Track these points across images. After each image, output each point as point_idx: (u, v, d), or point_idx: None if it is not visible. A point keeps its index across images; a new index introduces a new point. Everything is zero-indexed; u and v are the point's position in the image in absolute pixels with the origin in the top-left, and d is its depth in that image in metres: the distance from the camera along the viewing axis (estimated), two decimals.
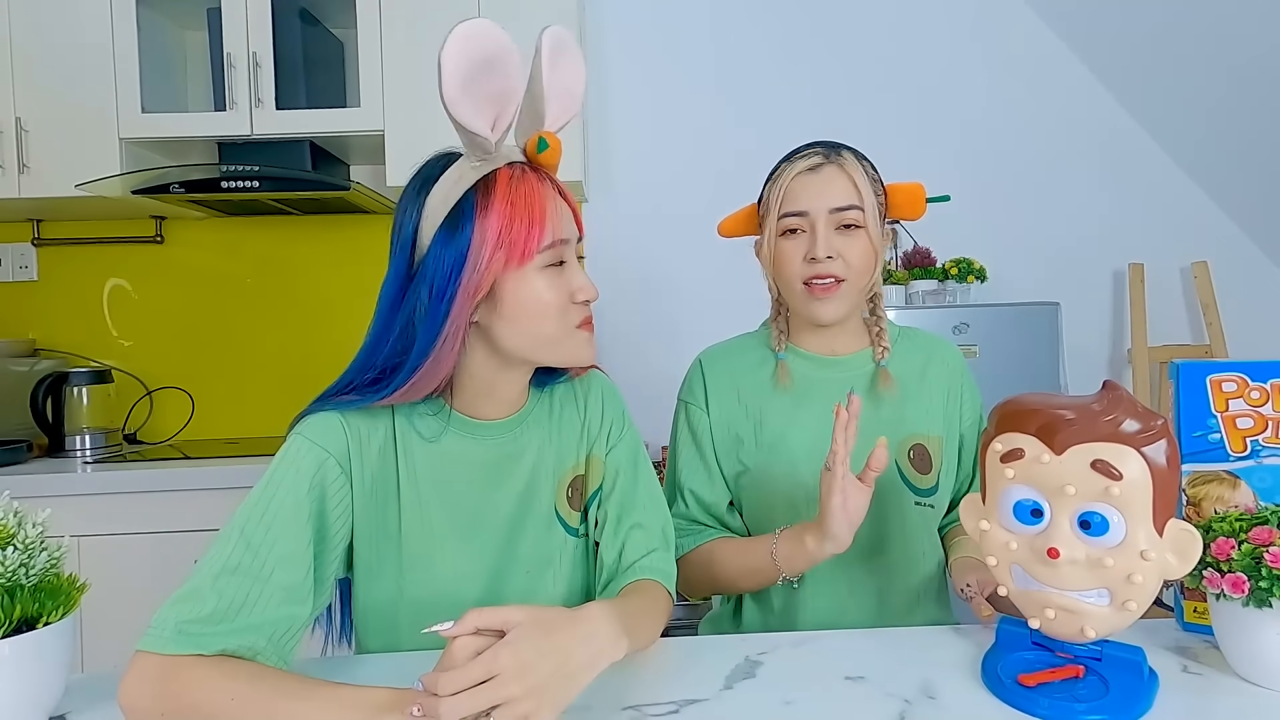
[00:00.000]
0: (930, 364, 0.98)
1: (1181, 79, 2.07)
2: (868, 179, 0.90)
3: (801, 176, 0.90)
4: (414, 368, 0.67)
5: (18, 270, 2.09)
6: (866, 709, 0.60)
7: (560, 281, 0.70)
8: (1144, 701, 0.58)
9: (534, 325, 0.69)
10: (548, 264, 0.69)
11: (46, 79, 1.78)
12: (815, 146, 0.92)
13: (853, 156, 0.91)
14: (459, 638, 0.53)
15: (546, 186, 0.69)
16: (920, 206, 0.94)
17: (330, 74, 2.00)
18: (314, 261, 2.14)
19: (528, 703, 0.51)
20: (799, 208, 0.89)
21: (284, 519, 0.64)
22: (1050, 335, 1.87)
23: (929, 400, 0.96)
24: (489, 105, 0.65)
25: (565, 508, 0.80)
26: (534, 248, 0.67)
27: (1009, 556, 0.63)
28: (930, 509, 0.94)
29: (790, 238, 0.91)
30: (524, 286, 0.68)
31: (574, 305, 0.71)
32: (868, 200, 0.89)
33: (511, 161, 0.69)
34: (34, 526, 0.59)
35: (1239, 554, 0.60)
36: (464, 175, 0.68)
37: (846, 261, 0.88)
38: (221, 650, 0.59)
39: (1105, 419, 0.59)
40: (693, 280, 2.21)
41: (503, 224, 0.66)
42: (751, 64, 2.20)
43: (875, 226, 0.90)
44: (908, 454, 0.93)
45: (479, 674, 0.50)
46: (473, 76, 0.63)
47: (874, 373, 0.95)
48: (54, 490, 1.59)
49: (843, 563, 0.91)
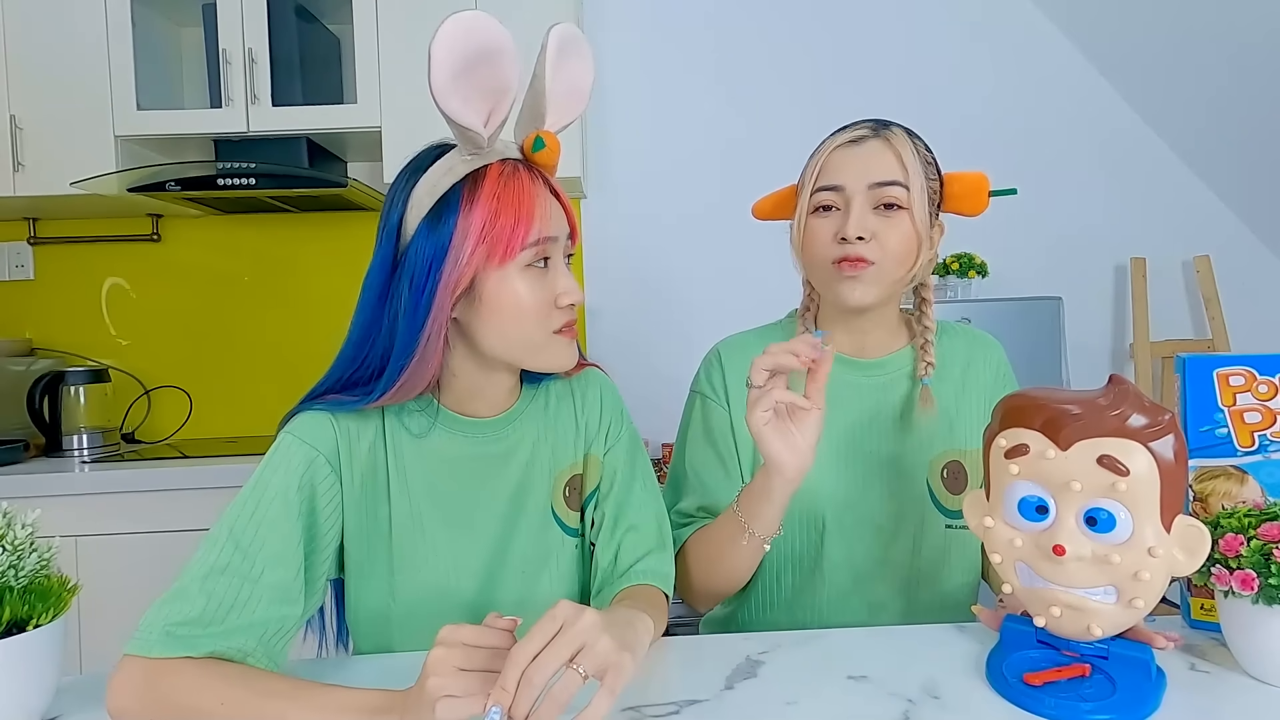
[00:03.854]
0: (970, 368, 0.90)
1: (1183, 72, 2.05)
2: (918, 158, 0.81)
3: (842, 149, 0.82)
4: (400, 368, 0.66)
5: (14, 269, 2.09)
6: (870, 709, 0.59)
7: (543, 283, 0.68)
8: (1152, 700, 0.57)
9: (513, 327, 0.68)
10: (531, 263, 0.67)
11: (41, 76, 1.76)
12: (865, 121, 0.84)
13: (904, 133, 0.82)
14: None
15: (538, 185, 0.68)
16: (982, 199, 0.83)
17: (327, 70, 1.99)
18: (312, 259, 2.13)
19: (605, 642, 0.50)
20: (834, 181, 0.81)
21: (273, 518, 0.64)
22: (1052, 330, 1.86)
23: (968, 412, 0.88)
24: (481, 99, 0.64)
25: (562, 507, 0.79)
26: (517, 245, 0.65)
27: (1014, 554, 0.62)
28: (966, 530, 0.85)
29: (823, 215, 0.82)
30: (505, 285, 0.66)
31: (557, 310, 0.69)
32: (914, 179, 0.79)
33: (506, 158, 0.68)
34: (23, 527, 0.58)
35: (1248, 550, 0.59)
36: (454, 167, 0.66)
37: (881, 245, 0.79)
38: (211, 652, 0.58)
39: (1111, 414, 0.58)
40: (692, 277, 2.20)
41: (487, 219, 0.64)
42: (751, 60, 2.18)
43: (922, 210, 0.79)
44: (940, 473, 0.86)
45: (552, 627, 0.49)
46: (463, 69, 0.62)
47: (911, 389, 0.87)
48: (51, 490, 1.58)
49: (864, 587, 0.87)
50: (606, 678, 0.50)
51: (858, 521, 0.86)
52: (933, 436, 0.87)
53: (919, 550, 0.87)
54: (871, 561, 0.87)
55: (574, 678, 0.48)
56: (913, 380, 0.88)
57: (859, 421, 0.87)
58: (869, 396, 0.87)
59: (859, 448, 0.87)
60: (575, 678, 0.48)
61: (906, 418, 0.87)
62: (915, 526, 0.87)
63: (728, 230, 2.09)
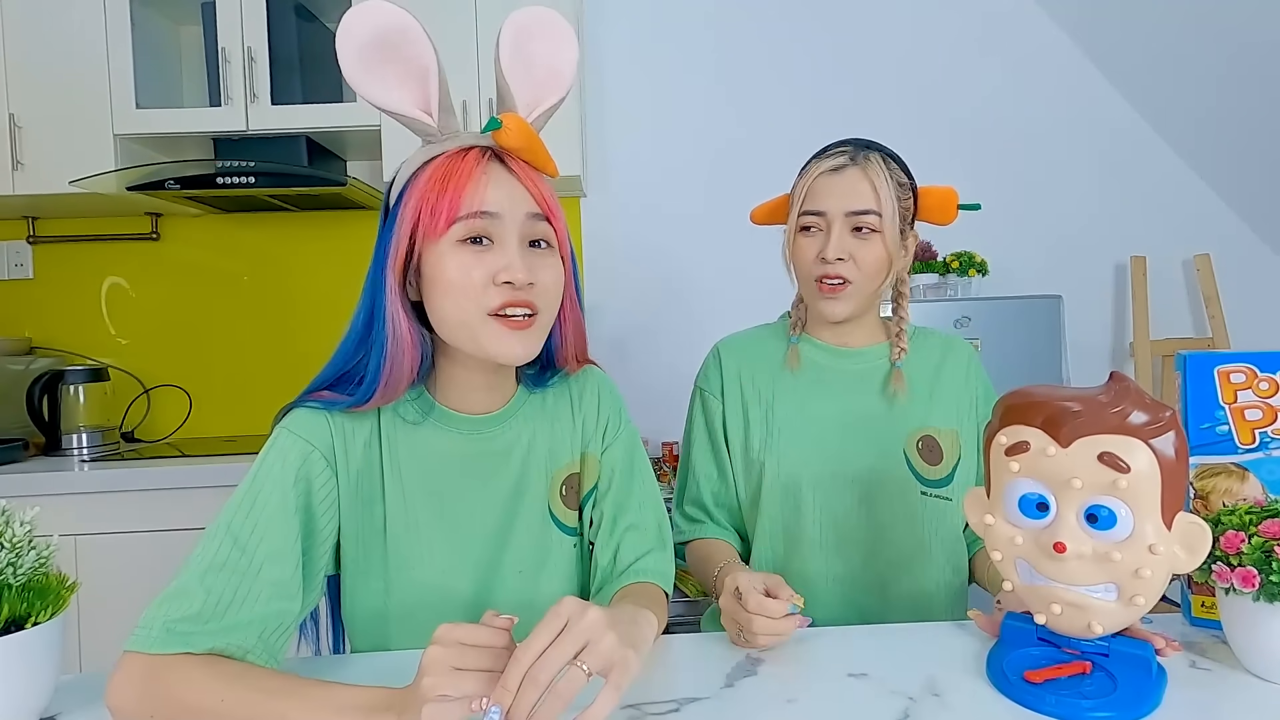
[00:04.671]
0: (945, 362, 0.99)
1: (1184, 71, 2.05)
2: (890, 184, 0.90)
3: (824, 177, 0.92)
4: (380, 361, 0.67)
5: (13, 268, 2.08)
6: (870, 707, 0.59)
7: (480, 260, 0.65)
8: (1153, 698, 0.57)
9: (447, 304, 0.66)
10: (465, 237, 0.65)
11: (40, 75, 1.76)
12: (845, 146, 0.93)
13: (879, 160, 0.91)
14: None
15: (489, 164, 0.66)
16: (951, 212, 0.95)
17: (326, 69, 1.98)
18: (311, 258, 2.13)
19: (610, 639, 0.49)
20: (817, 207, 0.91)
21: (270, 514, 0.63)
22: (1052, 328, 1.86)
23: (942, 396, 0.97)
24: (403, 83, 0.65)
25: (560, 506, 0.78)
26: (444, 219, 0.64)
27: (1014, 551, 0.62)
28: (945, 501, 0.93)
29: (808, 235, 0.93)
30: (437, 260, 0.66)
31: (494, 286, 0.65)
32: (886, 206, 0.89)
33: (467, 145, 0.67)
34: (21, 525, 0.58)
35: (1249, 548, 0.59)
36: (414, 158, 0.68)
37: (857, 264, 0.90)
38: (210, 649, 0.58)
39: (1112, 411, 0.57)
40: (692, 276, 2.19)
41: (423, 195, 0.65)
42: (751, 59, 2.18)
43: (892, 231, 0.90)
44: (916, 445, 0.93)
45: (557, 624, 0.49)
46: (371, 57, 0.63)
47: (887, 370, 0.96)
48: (51, 489, 1.58)
49: (843, 554, 0.93)
50: (611, 675, 0.49)
51: (836, 489, 0.93)
52: (909, 415, 0.95)
53: (896, 516, 0.92)
54: (850, 527, 0.92)
55: (578, 675, 0.48)
56: (890, 364, 0.97)
57: (840, 403, 0.96)
58: (850, 380, 0.97)
59: (838, 423, 0.95)
60: (579, 675, 0.48)
61: (884, 397, 0.95)
62: (893, 493, 0.92)
63: (728, 228, 2.08)
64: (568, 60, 0.71)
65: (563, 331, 0.75)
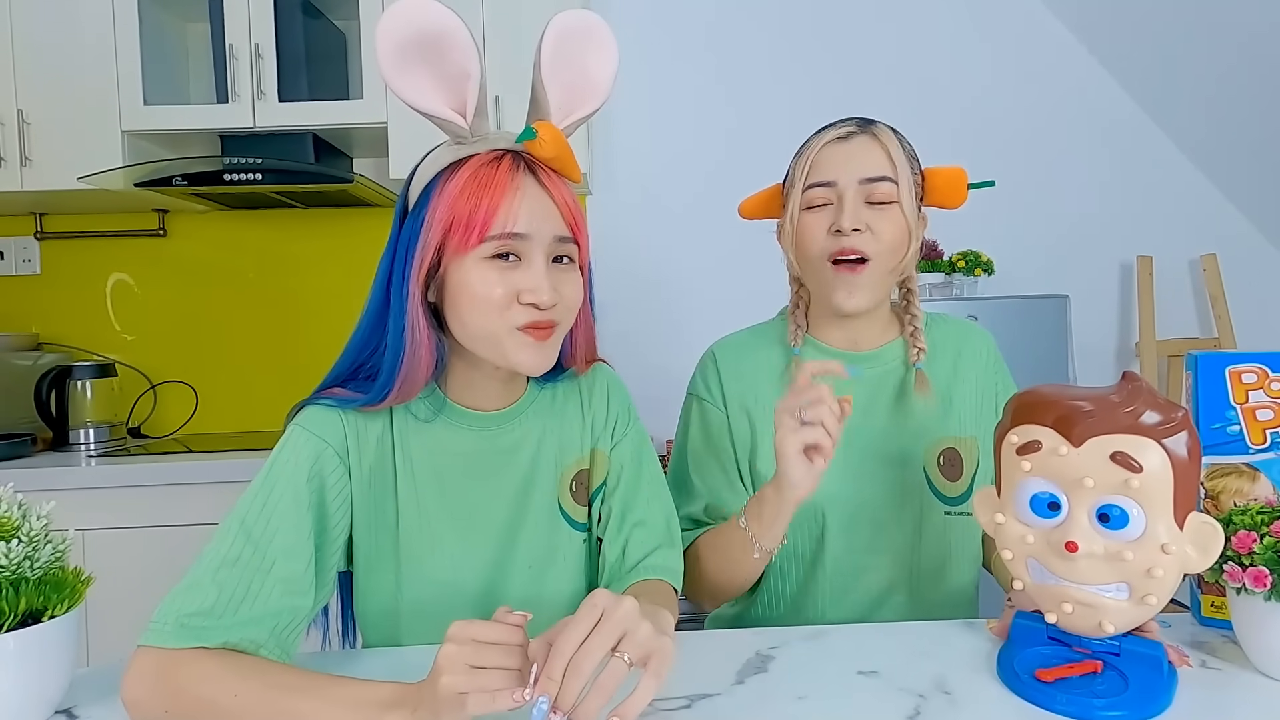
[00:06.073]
0: (961, 357, 0.92)
1: (1190, 69, 2.05)
2: (904, 153, 0.84)
3: (831, 145, 0.84)
4: (396, 362, 0.67)
5: (21, 264, 2.09)
6: (880, 704, 0.59)
7: (507, 277, 0.65)
8: (1164, 697, 0.57)
9: (471, 316, 0.66)
10: (493, 254, 0.65)
11: (48, 72, 1.77)
12: (849, 119, 0.86)
13: (888, 129, 0.85)
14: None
15: (521, 178, 0.65)
16: (961, 193, 0.86)
17: (333, 66, 1.99)
18: (317, 254, 2.13)
19: (646, 628, 0.50)
20: (826, 177, 0.82)
21: (284, 510, 0.64)
22: (1058, 328, 1.85)
23: (961, 399, 0.90)
24: (439, 86, 0.64)
25: (570, 503, 0.79)
26: (475, 235, 0.64)
27: (1025, 550, 0.62)
28: (966, 517, 0.87)
29: (815, 211, 0.84)
30: (464, 274, 0.66)
31: (519, 305, 0.66)
32: (903, 173, 0.82)
33: (499, 149, 0.66)
34: (39, 519, 0.58)
35: (1261, 547, 0.59)
36: (440, 157, 0.67)
37: (876, 236, 0.81)
38: (224, 643, 0.58)
39: (1125, 410, 0.58)
40: (696, 273, 2.20)
41: (454, 205, 0.64)
42: (752, 56, 2.18)
43: (910, 202, 0.82)
44: (937, 460, 0.87)
45: (594, 615, 0.49)
46: (411, 56, 0.62)
47: (903, 375, 0.89)
48: (58, 484, 1.59)
49: (867, 580, 0.87)
50: (651, 663, 0.49)
51: (857, 514, 0.87)
52: (928, 424, 0.88)
53: (920, 540, 0.87)
54: (873, 554, 0.87)
55: (620, 665, 0.48)
56: (906, 368, 0.89)
57: (855, 413, 0.87)
58: (864, 388, 0.88)
59: (856, 440, 0.87)
60: (621, 665, 0.48)
61: (902, 406, 0.88)
62: (915, 516, 0.87)
63: (731, 225, 2.06)
64: (609, 72, 0.70)
65: (574, 334, 0.75)
